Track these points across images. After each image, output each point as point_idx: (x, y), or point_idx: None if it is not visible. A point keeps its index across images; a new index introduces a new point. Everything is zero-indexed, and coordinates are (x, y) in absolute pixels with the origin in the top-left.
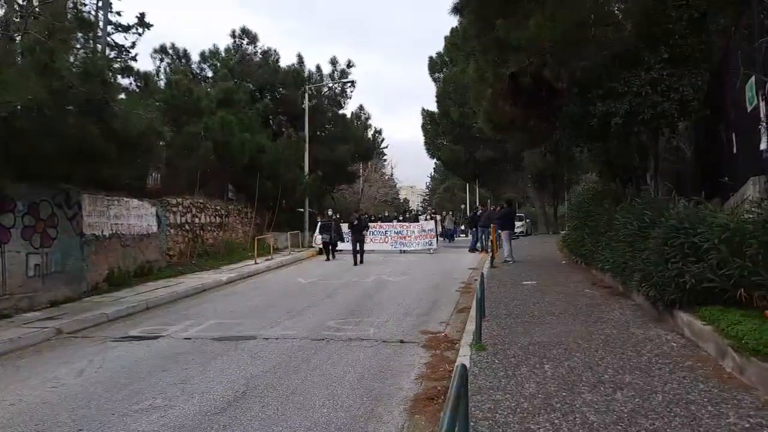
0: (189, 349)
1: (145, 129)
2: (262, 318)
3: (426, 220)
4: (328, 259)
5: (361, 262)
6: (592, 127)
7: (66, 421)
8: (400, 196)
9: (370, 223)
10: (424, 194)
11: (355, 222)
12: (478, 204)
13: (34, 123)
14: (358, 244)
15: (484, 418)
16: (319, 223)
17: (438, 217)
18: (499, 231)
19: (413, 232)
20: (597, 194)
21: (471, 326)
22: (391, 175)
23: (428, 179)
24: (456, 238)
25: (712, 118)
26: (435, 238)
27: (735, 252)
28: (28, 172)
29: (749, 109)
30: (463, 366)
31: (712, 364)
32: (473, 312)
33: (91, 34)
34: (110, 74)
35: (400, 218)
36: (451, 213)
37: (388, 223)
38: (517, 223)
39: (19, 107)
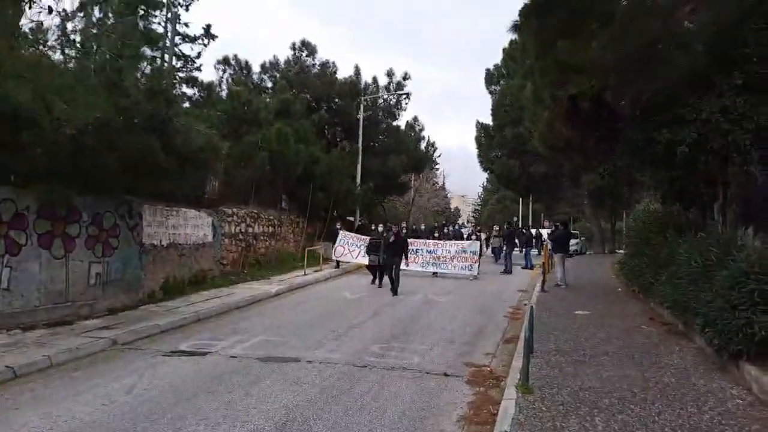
0: (235, 369)
1: (204, 144)
2: (306, 337)
3: (469, 238)
4: (375, 284)
5: (395, 293)
6: (656, 153)
7: None
8: (451, 206)
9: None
10: (475, 204)
11: (392, 239)
12: (513, 220)
13: (101, 139)
14: (393, 269)
15: None
16: (339, 234)
17: (483, 236)
18: (552, 253)
19: (449, 251)
20: (658, 220)
21: (518, 362)
22: (443, 185)
23: (480, 189)
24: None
25: None
26: (477, 263)
27: None
28: (93, 185)
29: None
30: None
31: None
32: (521, 345)
33: (157, 51)
34: (174, 90)
35: (435, 234)
36: (497, 229)
37: (421, 240)
38: (572, 241)
39: (89, 126)
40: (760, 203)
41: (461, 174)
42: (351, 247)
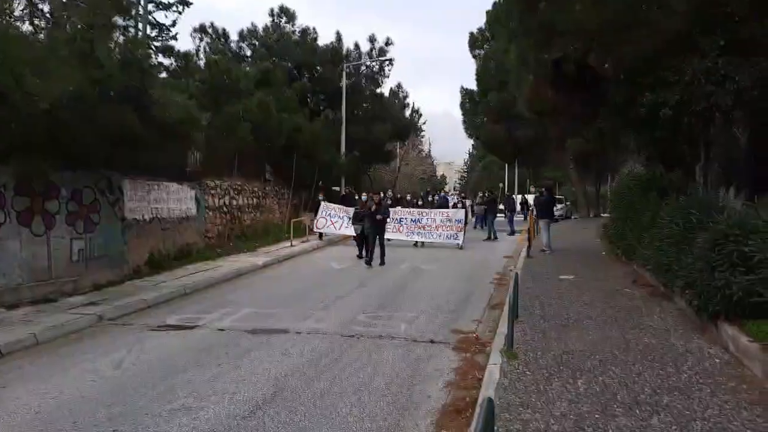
0: (223, 342)
1: (183, 115)
2: (294, 308)
3: (455, 207)
4: (361, 256)
5: (381, 263)
6: (639, 116)
7: (102, 419)
8: (437, 173)
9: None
10: (462, 171)
11: (373, 208)
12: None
13: (76, 112)
14: (377, 239)
15: None
16: (320, 206)
17: (468, 202)
18: (537, 219)
19: (434, 220)
20: (642, 182)
21: (503, 328)
22: (429, 152)
23: (466, 156)
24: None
25: None
26: (463, 231)
27: None
28: (71, 160)
29: None
30: (490, 401)
31: (758, 386)
32: (506, 311)
33: (131, 20)
34: (149, 60)
35: (420, 202)
36: (481, 195)
37: (405, 209)
38: (557, 206)
39: (64, 99)
40: (743, 163)
41: (447, 140)
42: (333, 219)
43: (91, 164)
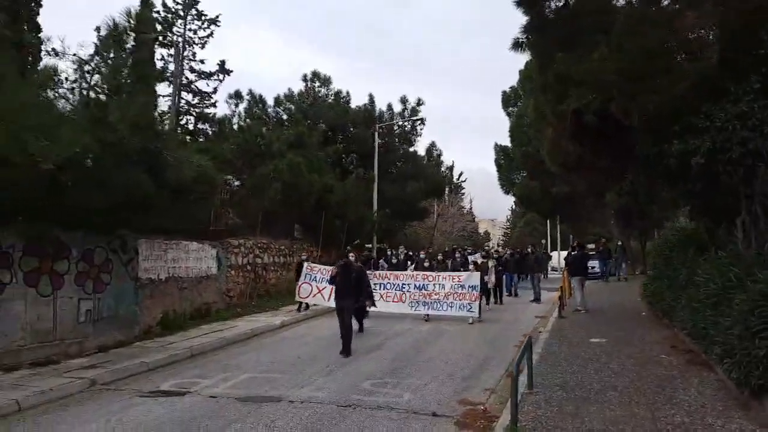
0: (208, 412)
1: (197, 176)
2: (297, 373)
3: (471, 269)
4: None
5: (347, 353)
6: (669, 166)
7: None
8: (480, 229)
9: (378, 272)
10: (505, 227)
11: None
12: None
13: (85, 174)
14: (342, 317)
15: None
16: (304, 267)
17: (491, 263)
18: (570, 277)
19: (443, 287)
20: (682, 237)
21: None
22: (470, 208)
23: (509, 212)
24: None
25: None
26: (477, 300)
27: None
28: (80, 221)
29: None
30: None
31: None
32: (520, 380)
33: (150, 84)
34: (162, 124)
35: (426, 263)
36: (509, 253)
37: (407, 273)
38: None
39: (71, 162)
40: None
41: (487, 197)
42: (320, 284)
43: (103, 225)
